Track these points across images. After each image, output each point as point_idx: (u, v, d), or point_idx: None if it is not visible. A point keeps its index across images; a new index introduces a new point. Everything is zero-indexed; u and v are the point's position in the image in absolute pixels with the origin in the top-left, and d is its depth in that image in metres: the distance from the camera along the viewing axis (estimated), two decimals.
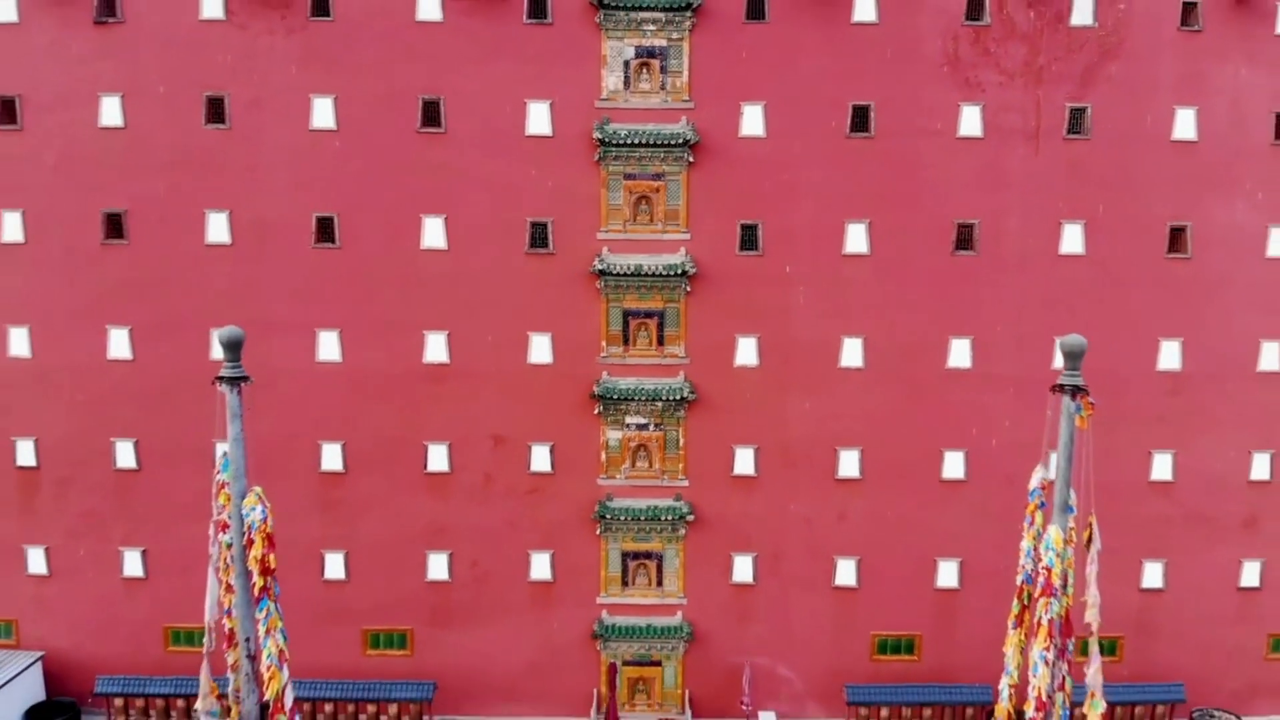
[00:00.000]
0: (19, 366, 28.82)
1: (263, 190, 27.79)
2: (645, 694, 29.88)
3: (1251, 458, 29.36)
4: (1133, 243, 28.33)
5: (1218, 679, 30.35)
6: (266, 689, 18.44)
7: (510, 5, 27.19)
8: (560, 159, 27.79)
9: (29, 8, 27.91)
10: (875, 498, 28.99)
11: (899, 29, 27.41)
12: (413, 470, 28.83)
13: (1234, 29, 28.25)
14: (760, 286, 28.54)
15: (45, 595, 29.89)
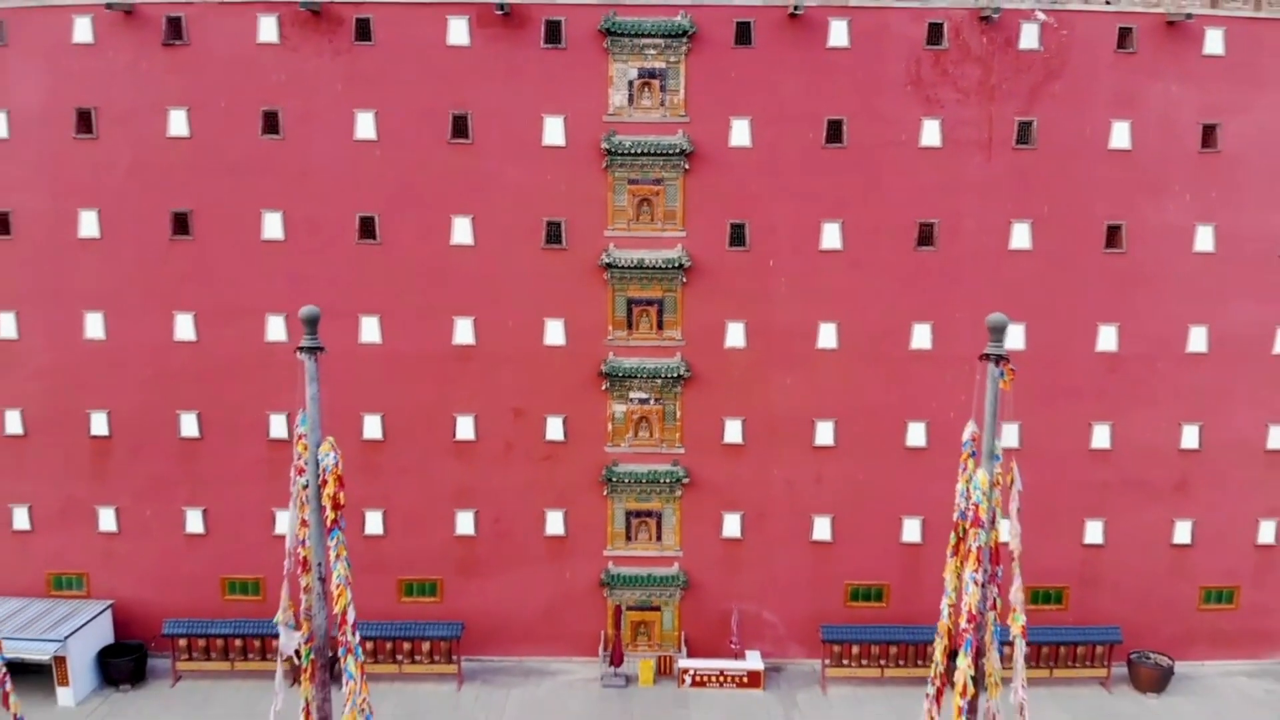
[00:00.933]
0: (94, 347, 32.70)
1: (312, 193, 31.65)
2: (646, 636, 33.65)
3: (1181, 429, 33.06)
4: (1074, 239, 32.15)
5: (1154, 626, 33.99)
6: (335, 604, 22.35)
7: (529, 31, 31.13)
8: (572, 166, 31.61)
9: (104, 31, 31.76)
10: (848, 463, 32.82)
11: (868, 53, 31.24)
12: (443, 439, 32.69)
13: (1165, 50, 32.07)
14: (747, 278, 32.33)
15: (115, 550, 33.70)
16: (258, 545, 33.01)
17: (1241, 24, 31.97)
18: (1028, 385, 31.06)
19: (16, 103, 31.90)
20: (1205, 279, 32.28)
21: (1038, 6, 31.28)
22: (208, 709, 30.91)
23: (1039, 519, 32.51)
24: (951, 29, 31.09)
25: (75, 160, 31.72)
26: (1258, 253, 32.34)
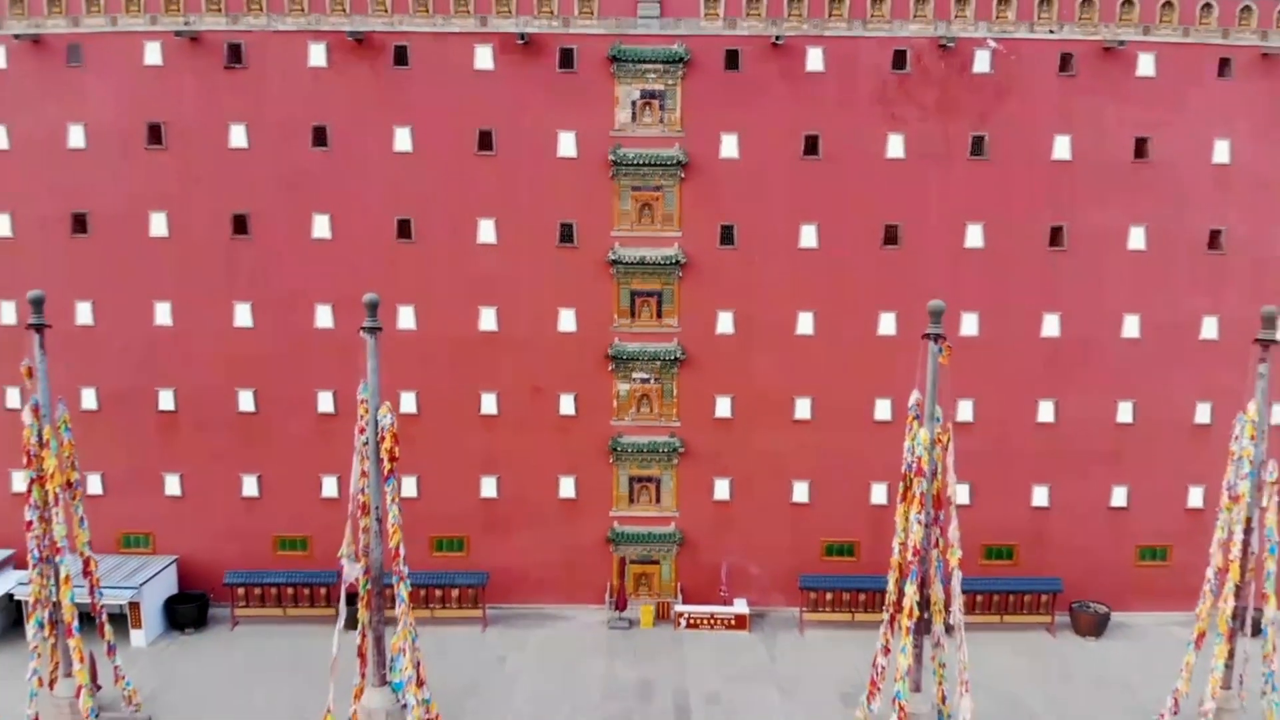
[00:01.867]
0: (163, 333, 37.33)
1: (356, 198, 36.31)
2: (646, 586, 38.39)
3: (1117, 405, 37.78)
4: (1021, 239, 36.75)
5: (1094, 579, 38.53)
6: (390, 540, 26.98)
7: (545, 58, 35.76)
8: (583, 175, 36.27)
9: (172, 55, 36.34)
10: (823, 435, 37.46)
11: (841, 77, 35.85)
12: (470, 413, 37.34)
13: (1101, 73, 36.68)
14: (735, 273, 37.01)
15: (179, 512, 38.29)
16: (306, 507, 37.69)
17: (1171, 48, 36.57)
18: (981, 367, 36.23)
19: (93, 117, 36.54)
20: (1138, 273, 36.94)
21: (989, 35, 35.90)
22: (263, 649, 35.52)
23: (991, 485, 37.50)
24: (914, 55, 35.76)
25: (147, 168, 36.39)
26: (1184, 250, 37.01)
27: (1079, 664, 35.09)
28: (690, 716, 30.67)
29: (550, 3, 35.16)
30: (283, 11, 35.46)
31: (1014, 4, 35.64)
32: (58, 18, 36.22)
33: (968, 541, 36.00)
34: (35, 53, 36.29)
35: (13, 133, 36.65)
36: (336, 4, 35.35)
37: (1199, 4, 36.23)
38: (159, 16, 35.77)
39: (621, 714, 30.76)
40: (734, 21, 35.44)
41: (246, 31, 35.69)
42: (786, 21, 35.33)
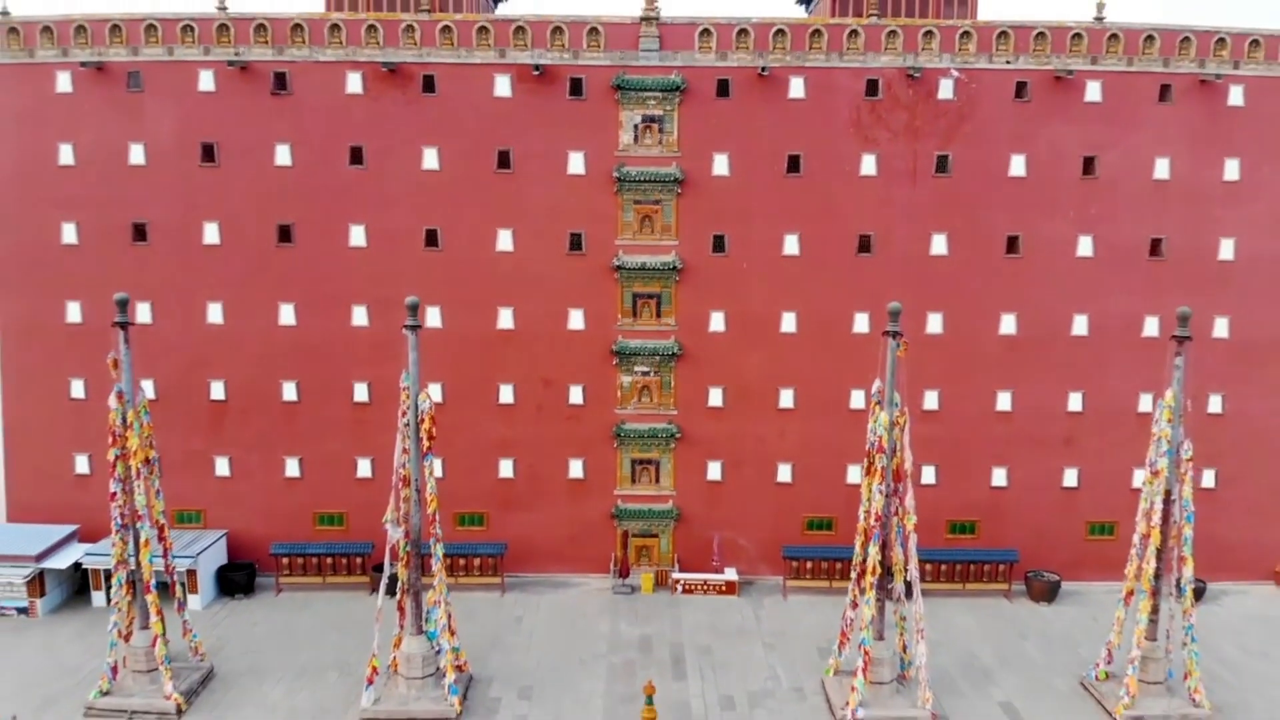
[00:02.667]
0: (215, 330, 41.56)
1: (388, 211, 40.54)
2: (647, 557, 42.62)
3: (1068, 396, 42.05)
4: (981, 247, 40.99)
5: (1047, 551, 42.75)
6: (429, 508, 31.28)
7: (557, 86, 40.01)
8: (590, 190, 40.50)
9: (223, 82, 40.53)
10: (804, 422, 41.67)
11: (820, 103, 40.07)
12: (489, 402, 41.54)
13: (1053, 99, 40.87)
14: (726, 277, 41.19)
15: (228, 491, 42.47)
16: (342, 486, 41.94)
17: (1116, 76, 40.83)
18: (945, 361, 40.63)
19: (151, 137, 40.76)
20: (1086, 278, 41.17)
21: (952, 66, 40.19)
22: (305, 612, 39.77)
23: (955, 466, 41.87)
24: (885, 84, 40.02)
25: (201, 183, 40.57)
26: (1127, 257, 41.17)
27: (1031, 625, 39.36)
28: (685, 665, 35.03)
29: (561, 36, 39.53)
30: (323, 44, 39.78)
31: (974, 37, 39.98)
32: (119, 47, 40.51)
33: (934, 517, 40.93)
34: (99, 79, 40.55)
35: (78, 150, 40.86)
36: (371, 37, 39.71)
37: (1142, 36, 40.54)
38: (211, 48, 40.07)
39: (624, 663, 35.09)
40: (725, 54, 39.76)
41: (290, 62, 39.96)
42: (771, 54, 39.69)
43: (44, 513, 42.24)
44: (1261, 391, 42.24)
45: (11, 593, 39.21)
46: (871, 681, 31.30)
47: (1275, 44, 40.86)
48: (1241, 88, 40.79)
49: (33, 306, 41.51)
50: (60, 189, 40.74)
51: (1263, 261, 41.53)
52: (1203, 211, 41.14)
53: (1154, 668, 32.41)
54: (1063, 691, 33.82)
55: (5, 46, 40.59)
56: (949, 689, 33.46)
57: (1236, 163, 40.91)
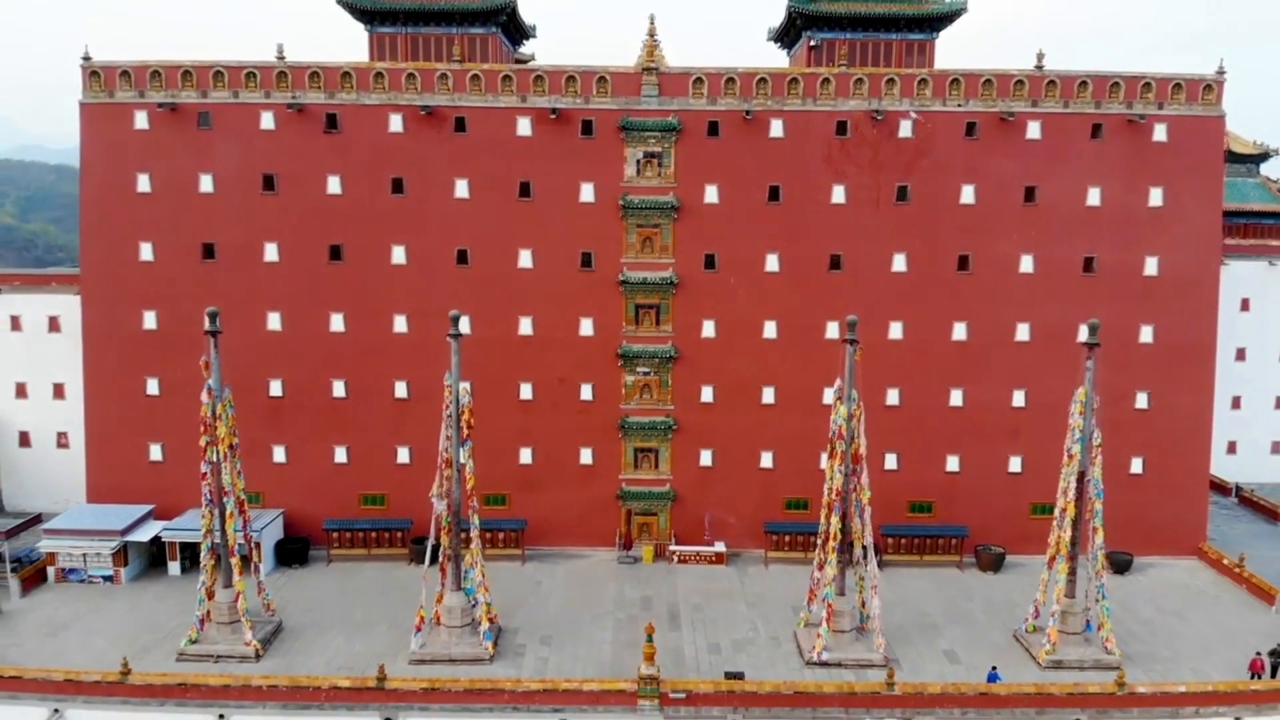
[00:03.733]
0: (274, 335, 47.57)
1: (425, 234, 46.64)
2: (647, 532, 48.69)
3: (1012, 393, 48.17)
4: (936, 265, 47.10)
5: (995, 528, 48.51)
6: (468, 485, 37.63)
7: (571, 126, 46.14)
8: (599, 216, 46.66)
9: (282, 121, 46.79)
10: (783, 416, 47.71)
11: (797, 141, 46.24)
12: (511, 398, 47.55)
13: (998, 137, 47.01)
14: (716, 291, 47.28)
15: (285, 475, 48.40)
16: (384, 470, 48.07)
17: (1054, 117, 46.98)
18: (905, 363, 47.04)
19: (219, 168, 47.01)
20: (1027, 291, 47.26)
21: (911, 109, 46.55)
22: (353, 579, 45.90)
23: (914, 454, 48.14)
24: (852, 124, 46.23)
25: (262, 209, 46.80)
26: (1062, 273, 47.20)
27: (978, 590, 45.56)
28: (680, 620, 41.28)
29: (575, 84, 45.72)
30: (368, 89, 46.03)
31: (930, 84, 46.25)
32: (190, 90, 46.81)
33: (896, 497, 47.37)
34: (172, 118, 46.84)
35: (154, 179, 47.09)
36: (410, 84, 45.96)
37: (1076, 81, 46.75)
38: (271, 92, 46.37)
39: (629, 618, 41.32)
40: (715, 99, 46.01)
41: (340, 104, 46.21)
42: (755, 99, 45.89)
43: (120, 495, 48.29)
44: (1181, 389, 48.49)
45: (99, 563, 45.54)
46: (834, 630, 37.65)
47: (1194, 87, 47.12)
48: (1165, 125, 46.99)
49: (113, 315, 47.72)
50: (138, 213, 46.98)
51: (1182, 277, 47.60)
52: (1130, 234, 47.23)
53: (1073, 621, 38.70)
54: (998, 643, 40.10)
55: (89, 88, 46.96)
56: (902, 639, 39.79)
57: (1160, 191, 47.06)
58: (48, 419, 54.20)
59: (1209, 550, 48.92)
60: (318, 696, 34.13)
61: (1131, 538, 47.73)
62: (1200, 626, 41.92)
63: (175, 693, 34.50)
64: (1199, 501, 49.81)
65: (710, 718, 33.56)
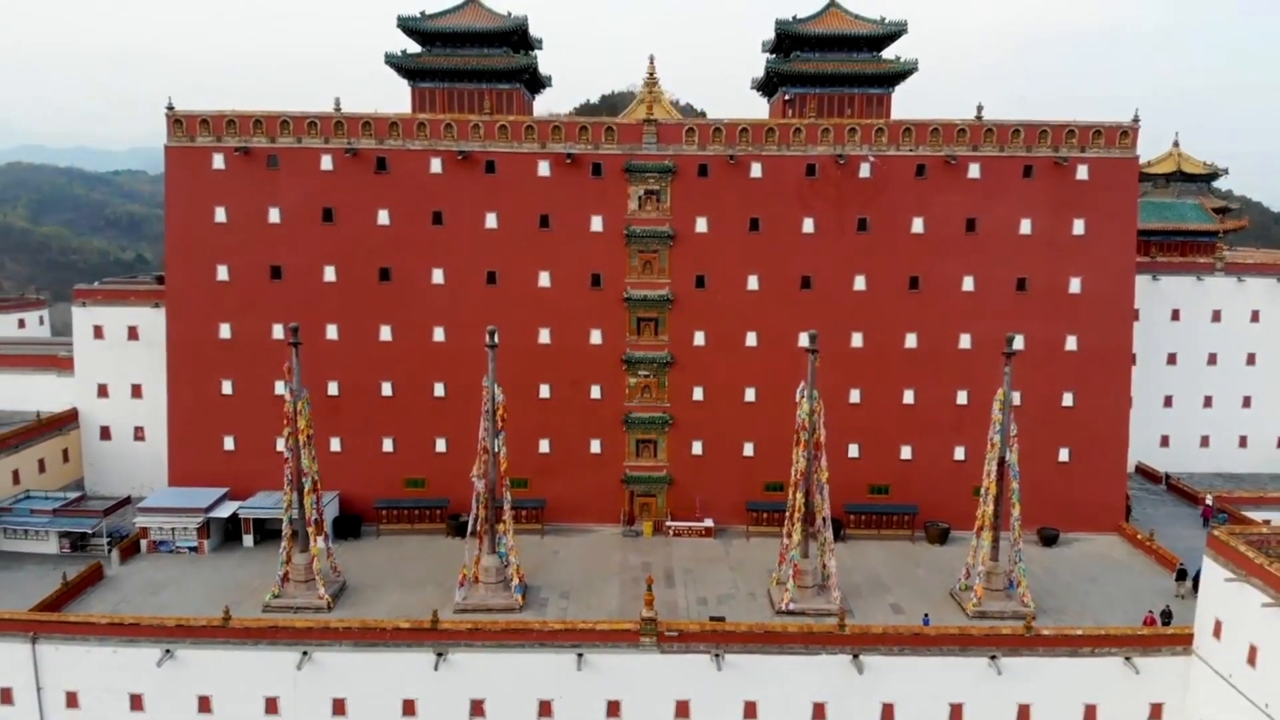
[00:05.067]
0: (331, 344, 55.61)
1: (461, 258, 54.66)
2: (647, 510, 56.60)
3: (956, 393, 56.33)
4: (891, 284, 55.07)
5: (941, 507, 56.19)
6: (502, 468, 46.29)
7: (583, 168, 54.23)
8: (607, 244, 54.68)
9: (339, 163, 54.97)
10: (763, 412, 55.49)
11: (774, 180, 54.26)
12: (532, 397, 55.29)
13: (944, 176, 55.10)
14: (706, 307, 55.28)
15: (340, 462, 56.12)
16: (424, 458, 56.04)
17: (991, 160, 55.21)
18: (864, 367, 55.75)
19: (285, 203, 55.23)
20: (969, 307, 55.18)
21: (869, 153, 55.11)
22: (400, 549, 53.98)
23: (873, 444, 56.47)
24: (820, 166, 54.37)
25: (322, 237, 55.01)
26: (998, 291, 55.18)
27: (924, 558, 53.83)
28: (674, 579, 49.37)
29: (586, 134, 53.92)
30: (413, 137, 54.40)
31: (886, 132, 54.48)
32: (260, 137, 55.29)
33: (857, 481, 55.91)
34: (245, 160, 55.32)
35: (229, 212, 55.34)
36: (448, 132, 54.22)
37: (1010, 129, 54.85)
38: (330, 138, 54.67)
39: (631, 579, 49.54)
40: (704, 146, 54.26)
41: (389, 149, 54.60)
42: (738, 146, 54.07)
43: (198, 479, 56.30)
44: (1100, 390, 56.68)
45: (186, 536, 53.98)
46: (799, 586, 46.12)
47: (1112, 133, 55.42)
48: (1086, 166, 55.10)
49: (194, 327, 55.84)
50: (216, 241, 55.11)
51: (1101, 295, 55.64)
52: (1056, 258, 55.29)
53: (996, 580, 47.10)
54: (936, 599, 48.52)
55: (173, 134, 55.46)
56: (856, 595, 48.21)
57: (1082, 221, 55.18)
58: (126, 415, 62.22)
59: (1127, 527, 57.22)
60: (384, 636, 42.64)
61: (1059, 516, 56.21)
62: (1109, 589, 50.32)
63: (268, 634, 43.00)
64: (1118, 486, 58.27)
65: (697, 652, 42.37)
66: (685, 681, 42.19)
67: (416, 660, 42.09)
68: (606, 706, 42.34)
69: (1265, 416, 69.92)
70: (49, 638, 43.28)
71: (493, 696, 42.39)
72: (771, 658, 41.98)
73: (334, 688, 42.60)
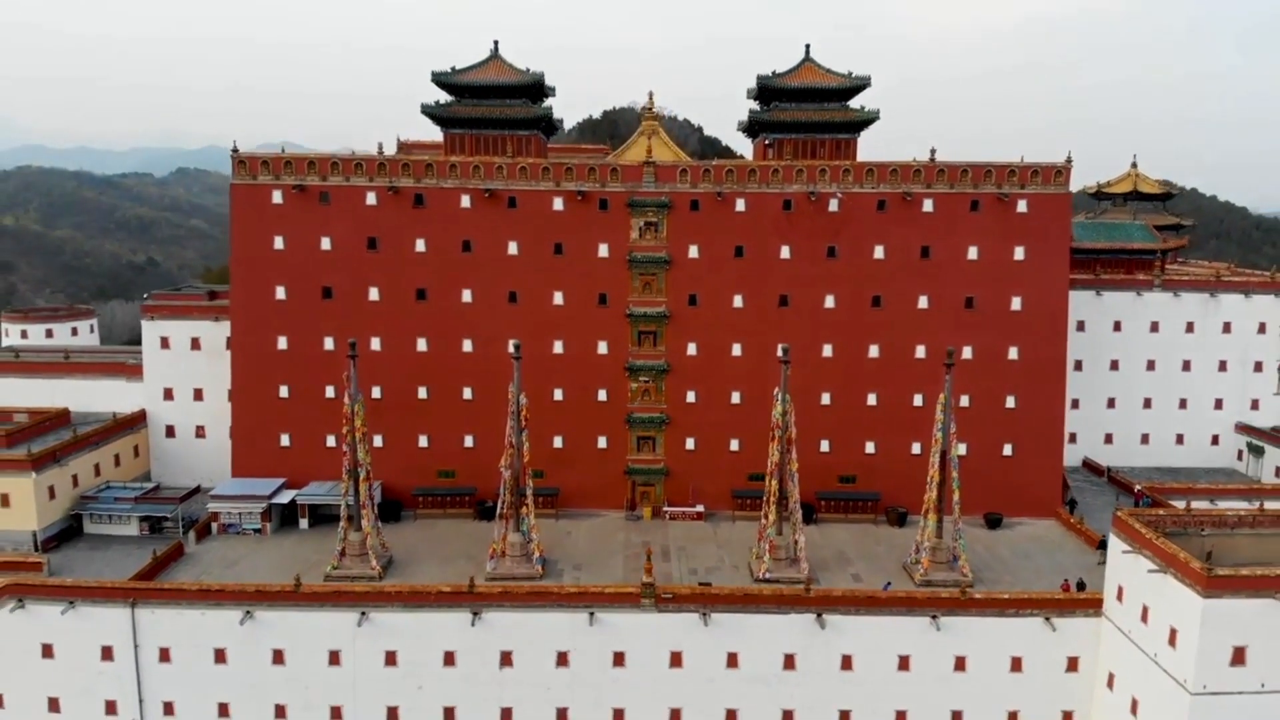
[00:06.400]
0: (375, 354, 63.85)
1: (486, 281, 63.04)
2: (647, 498, 64.85)
3: (913, 396, 65.41)
4: (858, 303, 63.31)
5: (900, 495, 63.90)
6: (525, 459, 55.53)
7: (592, 203, 62.72)
8: (612, 268, 62.98)
9: (383, 199, 64.13)
10: (747, 412, 63.30)
11: (756, 214, 62.83)
12: (546, 399, 63.42)
13: (903, 210, 63.81)
14: (697, 322, 63.55)
15: (381, 456, 64.40)
16: (454, 452, 64.21)
17: (943, 196, 63.96)
18: (834, 374, 65.02)
19: (335, 233, 64.04)
20: (924, 322, 63.35)
21: (837, 190, 64.15)
22: (434, 530, 62.61)
23: (842, 440, 65.40)
24: (795, 202, 63.04)
25: (367, 262, 63.69)
26: (950, 309, 63.72)
27: (884, 538, 62.51)
28: (669, 554, 57.72)
29: (595, 174, 62.22)
30: (445, 176, 63.15)
31: (852, 172, 62.97)
32: (313, 176, 64.05)
33: (828, 471, 64.88)
34: (300, 196, 64.05)
35: (286, 240, 64.00)
36: (475, 172, 62.96)
37: (960, 169, 63.68)
38: (374, 177, 63.19)
39: (634, 554, 57.77)
40: (696, 184, 63.01)
41: (425, 187, 63.30)
42: (725, 184, 62.76)
43: (258, 471, 64.94)
44: (1038, 394, 64.82)
45: (251, 519, 63.00)
46: (774, 559, 54.89)
47: (1049, 173, 63.88)
48: (1025, 201, 63.80)
49: (256, 340, 64.13)
50: (275, 265, 63.43)
51: (1038, 311, 63.92)
52: (999, 280, 63.40)
53: (939, 554, 55.90)
54: (891, 570, 57.27)
55: (237, 173, 64.51)
56: (824, 567, 57.10)
57: (1022, 249, 63.39)
58: (189, 416, 70.37)
59: (1063, 513, 66.58)
60: (429, 598, 51.28)
61: (1003, 502, 64.88)
62: (1040, 563, 59.04)
63: (332, 598, 51.78)
64: (1054, 476, 66.93)
65: (688, 611, 51.56)
66: (678, 636, 50.55)
67: (456, 619, 50.49)
68: (613, 657, 50.73)
69: (1198, 416, 77.60)
70: (146, 603, 51.42)
71: (519, 648, 50.82)
72: (750, 616, 50.39)
73: (386, 642, 50.92)
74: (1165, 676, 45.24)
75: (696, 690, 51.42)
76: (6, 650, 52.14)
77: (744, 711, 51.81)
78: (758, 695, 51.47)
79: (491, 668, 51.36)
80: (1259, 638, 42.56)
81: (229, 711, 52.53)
